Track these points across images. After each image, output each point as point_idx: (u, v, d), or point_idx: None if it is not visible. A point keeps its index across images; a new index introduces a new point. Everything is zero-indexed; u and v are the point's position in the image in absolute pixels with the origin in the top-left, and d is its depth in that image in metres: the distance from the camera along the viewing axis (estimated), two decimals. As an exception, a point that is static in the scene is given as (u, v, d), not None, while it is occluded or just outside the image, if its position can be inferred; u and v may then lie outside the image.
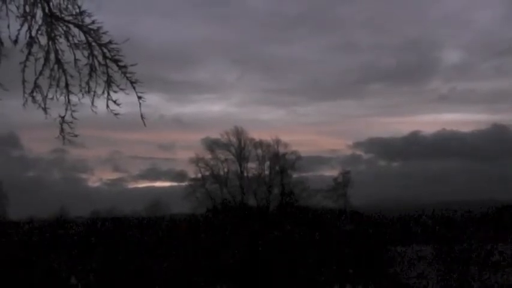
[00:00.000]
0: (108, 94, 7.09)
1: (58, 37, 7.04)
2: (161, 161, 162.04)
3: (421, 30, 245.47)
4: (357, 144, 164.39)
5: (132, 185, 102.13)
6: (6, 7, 6.81)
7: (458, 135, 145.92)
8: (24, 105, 6.96)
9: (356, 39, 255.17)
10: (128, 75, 7.05)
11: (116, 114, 7.13)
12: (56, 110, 7.08)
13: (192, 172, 57.57)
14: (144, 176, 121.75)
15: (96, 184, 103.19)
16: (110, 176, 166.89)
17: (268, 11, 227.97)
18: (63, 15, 7.02)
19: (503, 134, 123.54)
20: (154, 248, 45.29)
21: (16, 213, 52.37)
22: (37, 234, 50.53)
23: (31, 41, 6.92)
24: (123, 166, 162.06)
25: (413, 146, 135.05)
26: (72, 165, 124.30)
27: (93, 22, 7.00)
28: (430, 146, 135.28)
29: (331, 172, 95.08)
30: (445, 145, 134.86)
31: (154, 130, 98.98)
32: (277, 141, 56.94)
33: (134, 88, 7.09)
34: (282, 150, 56.68)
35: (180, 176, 61.99)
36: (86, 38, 7.05)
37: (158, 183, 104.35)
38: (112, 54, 7.06)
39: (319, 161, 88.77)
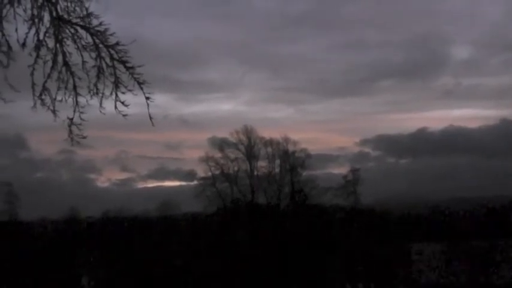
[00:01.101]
0: (116, 95, 7.12)
1: (65, 39, 7.07)
2: (169, 160, 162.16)
3: (429, 26, 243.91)
4: (365, 142, 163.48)
5: (141, 185, 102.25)
6: (14, 11, 6.85)
7: (467, 131, 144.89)
8: (33, 107, 7.01)
9: (364, 37, 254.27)
10: (135, 76, 7.07)
11: (124, 115, 7.16)
12: (65, 112, 7.12)
13: (201, 171, 57.57)
14: (153, 176, 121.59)
15: (105, 184, 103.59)
16: (118, 176, 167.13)
17: (275, 9, 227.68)
18: (70, 18, 7.05)
19: (511, 130, 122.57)
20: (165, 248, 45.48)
21: (26, 214, 52.52)
22: (50, 235, 50.86)
23: (39, 44, 6.96)
24: (131, 166, 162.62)
25: (421, 143, 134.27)
26: (80, 165, 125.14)
27: (100, 24, 7.03)
28: (438, 142, 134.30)
29: (339, 170, 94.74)
30: (453, 141, 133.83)
31: (162, 130, 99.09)
32: (287, 140, 56.89)
33: (142, 89, 7.11)
34: (291, 148, 56.58)
35: (189, 175, 62.08)
36: (93, 40, 7.07)
37: (167, 183, 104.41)
38: (119, 55, 7.08)
39: (327, 158, 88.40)
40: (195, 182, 58.07)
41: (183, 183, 74.96)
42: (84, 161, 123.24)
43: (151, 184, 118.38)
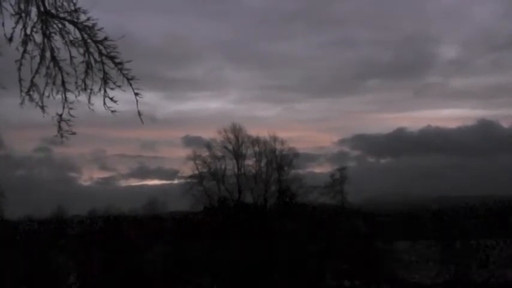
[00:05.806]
0: (105, 91, 7.04)
1: (53, 34, 6.96)
2: (149, 159, 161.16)
3: (418, 26, 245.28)
4: (343, 141, 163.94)
5: (123, 184, 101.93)
6: (1, 5, 6.74)
7: (445, 131, 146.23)
8: (21, 104, 6.91)
9: (353, 35, 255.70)
10: (124, 71, 6.98)
11: (112, 111, 7.10)
12: (51, 108, 7.03)
13: (185, 170, 57.31)
14: (134, 175, 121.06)
15: (88, 183, 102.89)
16: (98, 174, 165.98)
17: (265, 7, 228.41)
18: (58, 13, 6.95)
19: (492, 129, 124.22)
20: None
21: (10, 213, 51.89)
22: (37, 234, 50.45)
23: (26, 39, 6.85)
24: (109, 164, 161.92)
25: (400, 143, 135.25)
26: (58, 164, 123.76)
27: (88, 19, 6.93)
28: (417, 142, 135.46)
29: (320, 169, 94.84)
30: (432, 141, 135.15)
31: (144, 128, 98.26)
32: (274, 138, 56.81)
33: (131, 85, 7.02)
34: (279, 147, 56.50)
35: (172, 174, 61.93)
36: (82, 35, 6.97)
37: (151, 182, 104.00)
38: (108, 51, 6.98)
39: (308, 157, 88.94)
40: (177, 181, 57.94)
41: (166, 181, 74.69)
42: (61, 159, 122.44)
43: (134, 183, 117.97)
